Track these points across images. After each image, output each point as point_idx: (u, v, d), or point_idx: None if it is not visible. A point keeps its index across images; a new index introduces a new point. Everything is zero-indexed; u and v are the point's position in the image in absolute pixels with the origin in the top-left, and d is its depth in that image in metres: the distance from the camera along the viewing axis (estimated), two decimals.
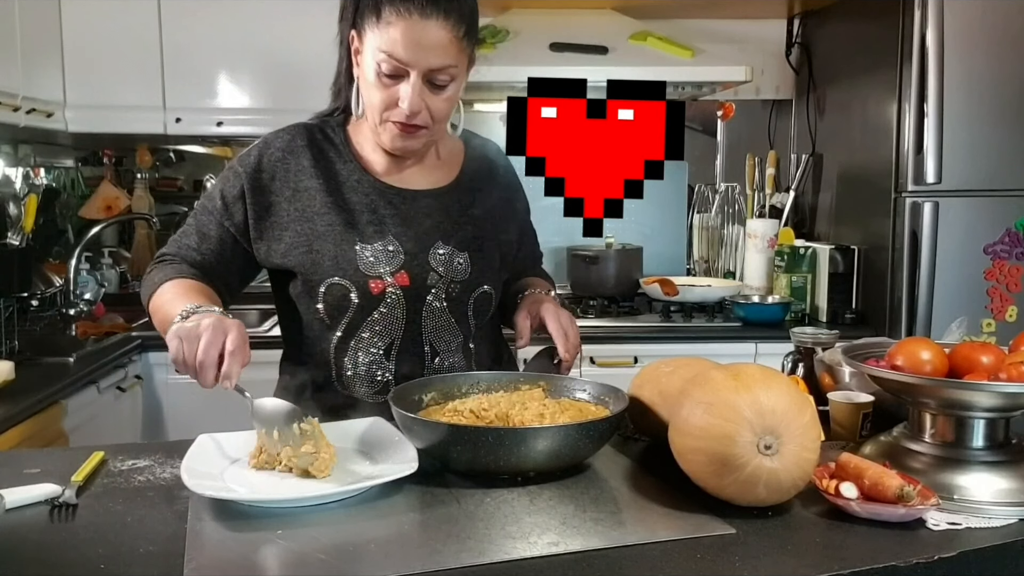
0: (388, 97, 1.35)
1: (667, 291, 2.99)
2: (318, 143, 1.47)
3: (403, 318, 1.43)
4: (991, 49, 2.62)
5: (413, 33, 1.30)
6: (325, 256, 1.40)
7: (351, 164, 1.46)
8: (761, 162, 3.46)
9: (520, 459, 1.10)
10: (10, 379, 2.06)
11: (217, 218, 1.45)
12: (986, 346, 1.19)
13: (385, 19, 1.31)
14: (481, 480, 1.12)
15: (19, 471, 1.19)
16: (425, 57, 1.31)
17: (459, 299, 1.46)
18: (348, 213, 1.43)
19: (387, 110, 1.36)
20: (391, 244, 1.42)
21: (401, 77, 1.33)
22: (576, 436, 1.12)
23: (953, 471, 1.11)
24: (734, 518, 1.02)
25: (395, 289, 1.41)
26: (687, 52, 3.00)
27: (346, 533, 0.98)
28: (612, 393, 1.29)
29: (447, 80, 1.35)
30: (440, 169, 1.52)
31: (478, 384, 1.37)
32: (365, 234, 1.42)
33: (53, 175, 3.35)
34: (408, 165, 1.48)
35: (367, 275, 1.40)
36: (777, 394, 1.04)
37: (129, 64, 2.87)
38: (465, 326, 1.48)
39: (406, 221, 1.44)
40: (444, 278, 1.44)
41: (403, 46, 1.30)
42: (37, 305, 2.84)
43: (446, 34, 1.31)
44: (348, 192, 1.44)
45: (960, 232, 2.68)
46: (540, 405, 1.23)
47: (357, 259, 1.40)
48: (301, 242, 1.42)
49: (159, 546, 0.96)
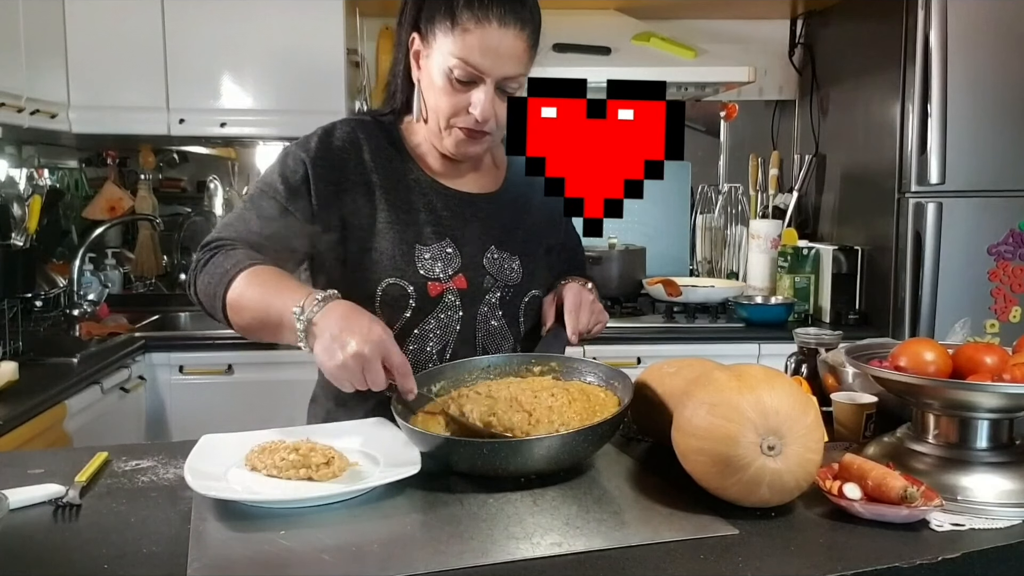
0: (458, 103, 1.34)
1: (670, 292, 2.99)
2: (378, 139, 1.44)
3: (459, 321, 1.41)
4: (995, 49, 2.62)
5: (491, 41, 1.29)
6: (384, 255, 1.38)
7: (410, 163, 1.45)
8: (764, 162, 3.46)
9: (519, 466, 1.11)
10: (14, 379, 2.06)
11: (280, 202, 1.37)
12: (990, 347, 1.19)
13: (462, 25, 1.30)
14: (484, 481, 1.12)
15: (23, 471, 1.19)
16: (501, 65, 1.31)
17: (512, 303, 1.46)
18: (407, 212, 1.41)
19: (456, 116, 1.35)
20: (449, 246, 1.41)
21: (474, 84, 1.32)
22: (575, 441, 1.12)
23: (957, 472, 1.11)
24: (737, 519, 1.02)
25: (453, 292, 1.40)
26: (690, 52, 3.00)
27: (349, 533, 0.98)
28: (620, 378, 1.28)
29: (516, 88, 1.34)
30: (490, 174, 1.52)
31: (489, 369, 1.35)
32: (423, 234, 1.41)
33: (57, 176, 3.36)
34: (463, 168, 1.47)
35: (426, 277, 1.39)
36: (780, 395, 1.03)
37: (133, 65, 2.88)
38: (515, 329, 1.48)
39: (463, 224, 1.44)
40: (499, 282, 1.44)
41: (480, 53, 1.30)
42: (41, 306, 2.85)
43: (521, 43, 1.32)
44: (407, 191, 1.42)
45: (964, 233, 2.68)
46: (549, 396, 1.21)
47: (416, 260, 1.39)
48: (360, 237, 1.39)
49: (162, 546, 0.96)
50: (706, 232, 3.55)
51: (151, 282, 3.41)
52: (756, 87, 3.36)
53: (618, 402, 1.23)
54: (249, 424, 1.26)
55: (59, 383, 2.18)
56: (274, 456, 1.13)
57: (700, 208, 3.57)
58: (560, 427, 1.15)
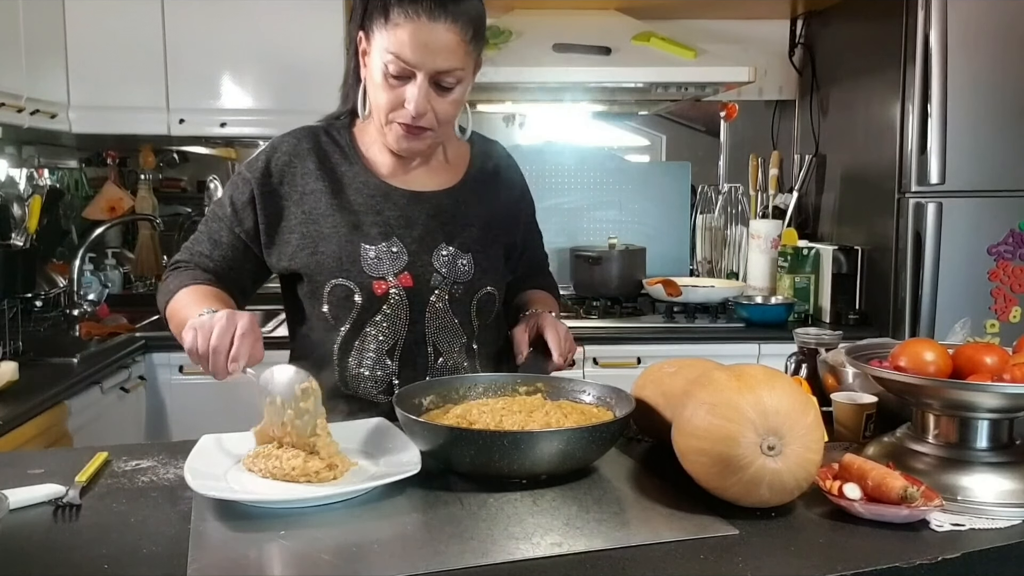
0: (394, 98, 1.36)
1: (670, 292, 2.99)
2: (323, 145, 1.48)
3: (407, 319, 1.43)
4: (995, 49, 2.62)
5: (421, 35, 1.31)
6: (329, 257, 1.42)
7: (356, 166, 1.47)
8: (764, 163, 3.46)
9: (531, 463, 1.09)
10: (14, 380, 2.06)
11: (228, 224, 1.46)
12: (990, 347, 1.19)
13: (393, 20, 1.32)
14: (484, 481, 1.12)
15: (23, 471, 1.19)
16: (432, 59, 1.32)
17: (462, 300, 1.47)
18: (353, 214, 1.44)
19: (393, 111, 1.37)
20: (395, 245, 1.43)
21: (407, 78, 1.34)
22: (588, 439, 1.12)
23: (957, 472, 1.11)
24: (737, 519, 1.02)
25: (398, 290, 1.42)
26: (690, 53, 3.00)
27: (349, 533, 0.98)
28: (615, 394, 1.29)
29: (453, 83, 1.36)
30: (446, 171, 1.53)
31: (475, 387, 1.36)
32: (370, 235, 1.43)
33: (57, 176, 3.36)
34: (414, 167, 1.49)
35: (371, 276, 1.41)
36: (780, 395, 1.03)
37: (133, 65, 2.88)
38: (468, 327, 1.48)
39: (410, 222, 1.45)
40: (447, 279, 1.45)
41: (411, 48, 1.31)
42: (41, 306, 2.85)
43: (453, 37, 1.32)
44: (353, 193, 1.45)
45: (964, 233, 2.68)
46: (543, 414, 1.22)
47: (361, 260, 1.41)
48: (307, 244, 1.43)
49: (162, 546, 0.96)
50: (706, 232, 3.54)
51: (151, 282, 3.41)
52: (756, 87, 3.36)
53: (614, 417, 1.22)
54: (249, 424, 1.26)
55: (59, 383, 2.18)
56: (268, 462, 1.13)
57: (700, 208, 3.57)
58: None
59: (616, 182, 3.52)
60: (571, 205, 3.49)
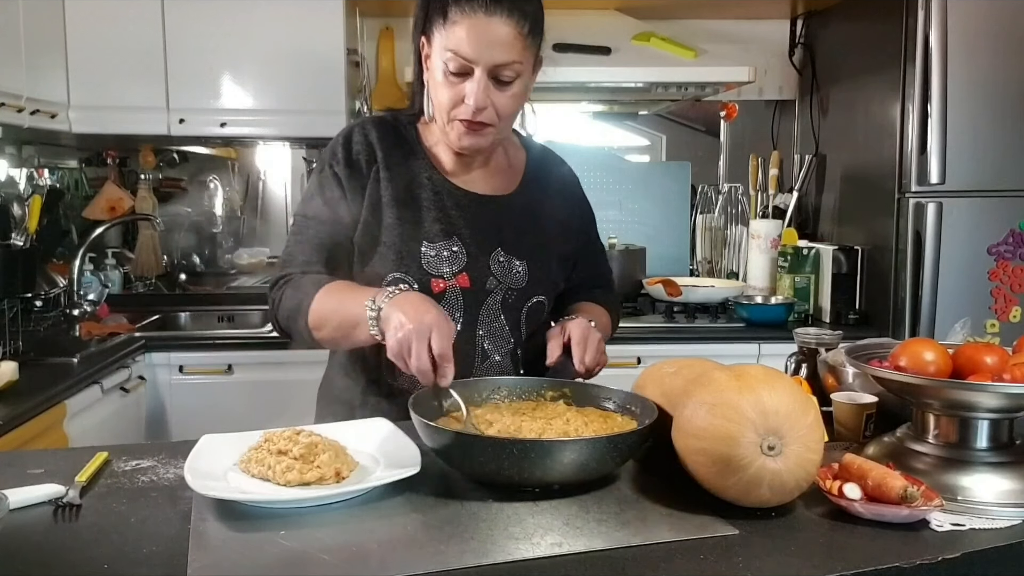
0: (455, 95, 1.37)
1: (670, 292, 2.99)
2: (391, 137, 1.49)
3: (460, 318, 1.44)
4: (995, 49, 2.62)
5: (478, 30, 1.33)
6: (391, 250, 1.43)
7: (423, 161, 1.48)
8: (764, 162, 3.46)
9: (540, 472, 1.06)
10: (14, 379, 2.06)
11: (328, 224, 1.45)
12: (990, 347, 1.19)
13: (451, 19, 1.34)
14: (490, 485, 1.11)
15: (23, 471, 1.19)
16: (490, 53, 1.34)
17: (514, 306, 1.48)
18: (416, 210, 1.45)
19: (454, 108, 1.38)
20: (455, 245, 1.44)
21: (467, 74, 1.36)
22: (602, 450, 1.08)
23: (957, 472, 1.11)
24: (737, 519, 1.02)
25: (456, 290, 1.43)
26: (690, 53, 3.00)
27: (349, 534, 0.98)
28: (640, 403, 1.23)
29: (512, 77, 1.37)
30: (505, 175, 1.54)
31: (500, 390, 1.34)
32: (431, 232, 1.44)
33: (57, 176, 3.36)
34: (475, 168, 1.50)
35: (429, 273, 1.42)
36: (780, 395, 1.03)
37: (133, 65, 2.88)
38: (517, 332, 1.49)
39: (471, 224, 1.46)
40: (503, 283, 1.46)
41: (468, 43, 1.33)
42: (41, 306, 2.85)
43: (510, 30, 1.34)
44: (418, 188, 1.46)
45: (964, 233, 2.68)
46: (564, 422, 1.19)
47: (421, 257, 1.42)
48: (371, 232, 1.44)
49: (162, 546, 0.96)
50: (706, 232, 3.55)
51: (151, 282, 3.41)
52: (756, 87, 3.36)
53: (638, 426, 1.18)
54: (249, 424, 1.26)
55: (59, 383, 2.18)
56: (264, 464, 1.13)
57: (700, 208, 3.57)
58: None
59: (616, 182, 3.52)
60: None
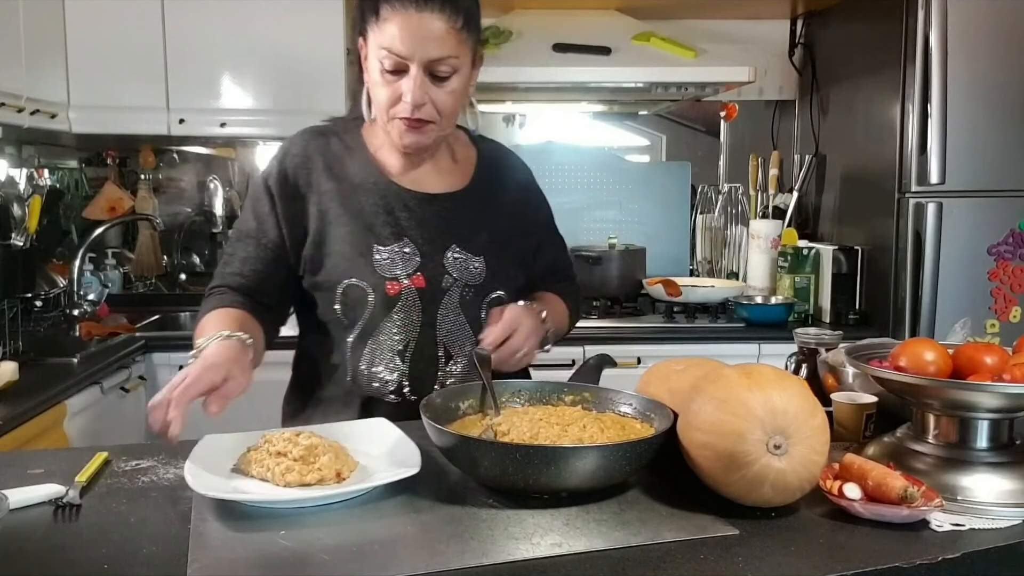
0: (392, 93, 1.37)
1: (670, 292, 2.99)
2: (332, 145, 1.49)
3: (419, 320, 1.44)
4: (995, 49, 2.62)
5: (410, 26, 1.32)
6: (342, 257, 1.43)
7: (367, 166, 1.48)
8: (764, 163, 3.46)
9: (548, 479, 1.04)
10: (14, 380, 2.06)
11: (255, 238, 1.46)
12: (990, 347, 1.19)
13: (383, 16, 1.34)
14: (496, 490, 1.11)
15: (23, 471, 1.19)
16: (423, 48, 1.33)
17: (473, 303, 1.47)
18: (364, 215, 1.44)
19: (393, 106, 1.38)
20: (407, 246, 1.44)
21: (403, 72, 1.35)
22: (615, 456, 1.06)
23: (957, 472, 1.11)
24: (737, 519, 1.02)
25: (411, 291, 1.43)
26: (690, 53, 3.00)
27: (349, 534, 0.98)
28: (658, 409, 1.21)
29: (449, 72, 1.36)
30: (454, 173, 1.53)
31: (520, 394, 1.32)
32: (381, 236, 1.44)
33: (57, 176, 3.36)
34: (422, 167, 1.49)
35: (384, 276, 1.42)
36: (790, 395, 1.04)
37: (133, 65, 2.87)
38: (478, 330, 1.47)
39: (422, 223, 1.46)
40: (459, 281, 1.45)
41: (401, 39, 1.33)
42: (41, 306, 2.85)
43: (443, 25, 1.33)
44: (363, 194, 1.46)
45: (964, 233, 2.68)
46: (580, 428, 1.17)
47: (374, 261, 1.42)
48: (319, 242, 1.44)
49: (162, 547, 0.96)
50: (706, 232, 3.55)
51: (151, 282, 3.41)
52: (756, 87, 3.36)
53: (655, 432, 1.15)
54: (249, 424, 1.26)
55: (59, 383, 2.18)
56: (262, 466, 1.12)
57: (700, 208, 3.57)
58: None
59: (616, 182, 3.52)
60: (571, 205, 3.49)
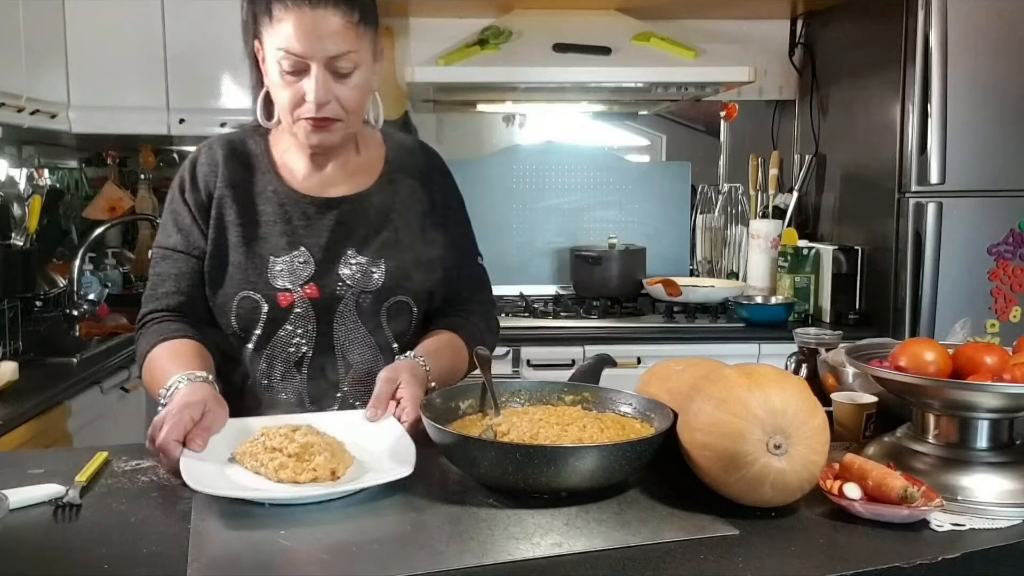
0: (295, 94, 1.34)
1: (670, 292, 2.99)
2: (236, 154, 1.46)
3: (314, 330, 1.40)
4: (995, 49, 2.62)
5: (306, 23, 1.30)
6: (237, 268, 1.40)
7: (268, 174, 1.45)
8: (764, 162, 3.46)
9: (546, 479, 1.05)
10: (14, 380, 2.06)
11: (184, 252, 1.43)
12: (990, 347, 1.19)
13: (277, 16, 1.31)
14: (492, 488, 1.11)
15: (23, 471, 1.19)
16: (322, 46, 1.31)
17: (371, 310, 1.42)
18: (261, 225, 1.42)
19: (296, 107, 1.35)
20: (302, 256, 1.41)
21: (303, 72, 1.32)
22: (614, 457, 1.07)
23: (957, 472, 1.11)
24: (738, 519, 1.02)
25: (304, 301, 1.40)
26: (690, 53, 3.00)
27: (349, 533, 0.98)
28: (657, 409, 1.21)
29: (350, 67, 1.34)
30: (362, 174, 1.48)
31: (519, 394, 1.32)
32: (277, 246, 1.41)
33: (57, 176, 3.36)
34: (328, 170, 1.45)
35: (276, 288, 1.39)
36: (790, 395, 1.04)
37: (133, 65, 2.87)
38: (381, 337, 1.44)
39: (319, 231, 1.42)
40: (354, 288, 1.41)
41: (297, 38, 1.30)
42: (41, 306, 2.84)
43: (339, 20, 1.31)
44: (261, 203, 1.43)
45: (964, 233, 2.67)
46: (579, 428, 1.18)
47: (268, 271, 1.39)
48: (216, 253, 1.41)
49: (162, 546, 0.96)
50: (706, 232, 3.54)
51: None
52: (756, 87, 3.36)
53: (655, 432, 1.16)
54: None
55: (59, 383, 2.18)
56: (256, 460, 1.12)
57: (700, 208, 3.57)
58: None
59: (616, 182, 3.52)
60: (571, 205, 3.49)
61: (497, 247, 3.45)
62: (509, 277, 3.40)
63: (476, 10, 3.20)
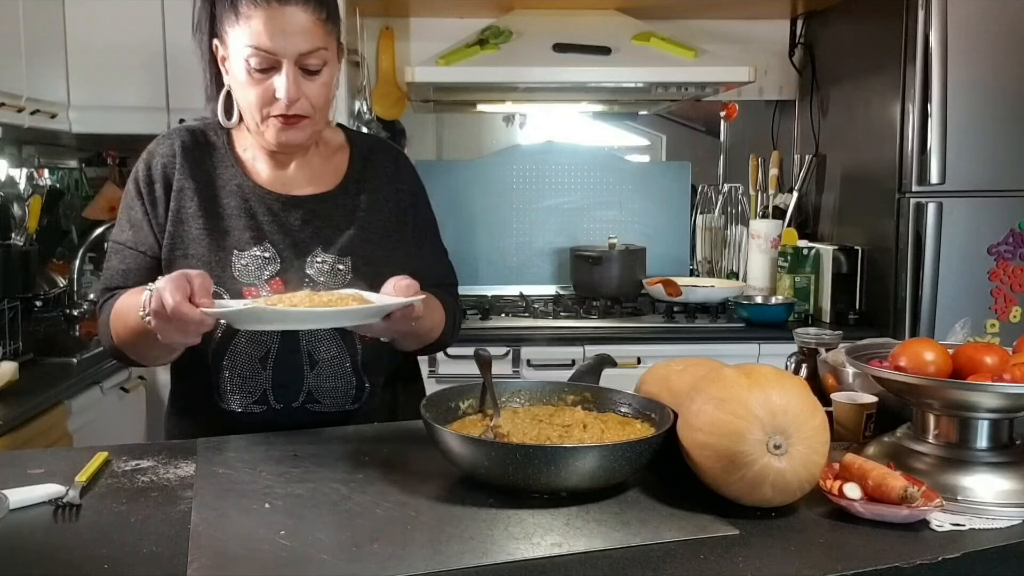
0: (264, 92, 1.33)
1: (670, 292, 2.99)
2: (199, 145, 1.45)
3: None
4: (995, 49, 2.62)
5: (275, 21, 1.30)
6: (200, 262, 1.37)
7: (232, 168, 1.44)
8: (764, 162, 3.46)
9: (546, 478, 1.05)
10: (14, 380, 2.06)
11: (132, 247, 1.42)
12: (990, 347, 1.19)
13: (244, 14, 1.30)
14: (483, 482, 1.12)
15: (23, 471, 1.19)
16: (293, 42, 1.31)
17: None
18: (224, 218, 1.41)
19: (266, 106, 1.34)
20: (267, 251, 1.40)
21: (273, 69, 1.32)
22: (614, 455, 1.07)
23: (957, 472, 1.11)
24: (738, 519, 1.02)
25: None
26: (690, 52, 3.00)
27: (349, 534, 0.98)
28: (658, 409, 1.21)
29: (319, 64, 1.34)
30: (326, 174, 1.47)
31: (520, 393, 1.32)
32: (240, 241, 1.40)
33: (57, 176, 3.36)
34: (291, 169, 1.45)
35: (241, 283, 1.38)
36: (790, 395, 1.04)
37: (133, 65, 2.88)
38: (348, 336, 1.42)
39: (284, 228, 1.41)
40: (320, 285, 1.40)
41: (268, 35, 1.30)
42: (41, 306, 2.85)
43: (308, 16, 1.31)
44: (226, 197, 1.42)
45: (964, 233, 2.68)
46: (580, 428, 1.18)
47: (232, 266, 1.38)
48: (177, 245, 1.40)
49: (162, 546, 0.96)
50: (706, 232, 3.54)
51: None
52: (756, 87, 3.36)
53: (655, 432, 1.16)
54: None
55: (59, 383, 2.18)
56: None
57: (700, 208, 3.57)
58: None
59: (616, 182, 3.52)
60: (571, 205, 3.49)
61: (497, 247, 3.45)
62: (509, 277, 3.40)
63: (476, 10, 3.20)
